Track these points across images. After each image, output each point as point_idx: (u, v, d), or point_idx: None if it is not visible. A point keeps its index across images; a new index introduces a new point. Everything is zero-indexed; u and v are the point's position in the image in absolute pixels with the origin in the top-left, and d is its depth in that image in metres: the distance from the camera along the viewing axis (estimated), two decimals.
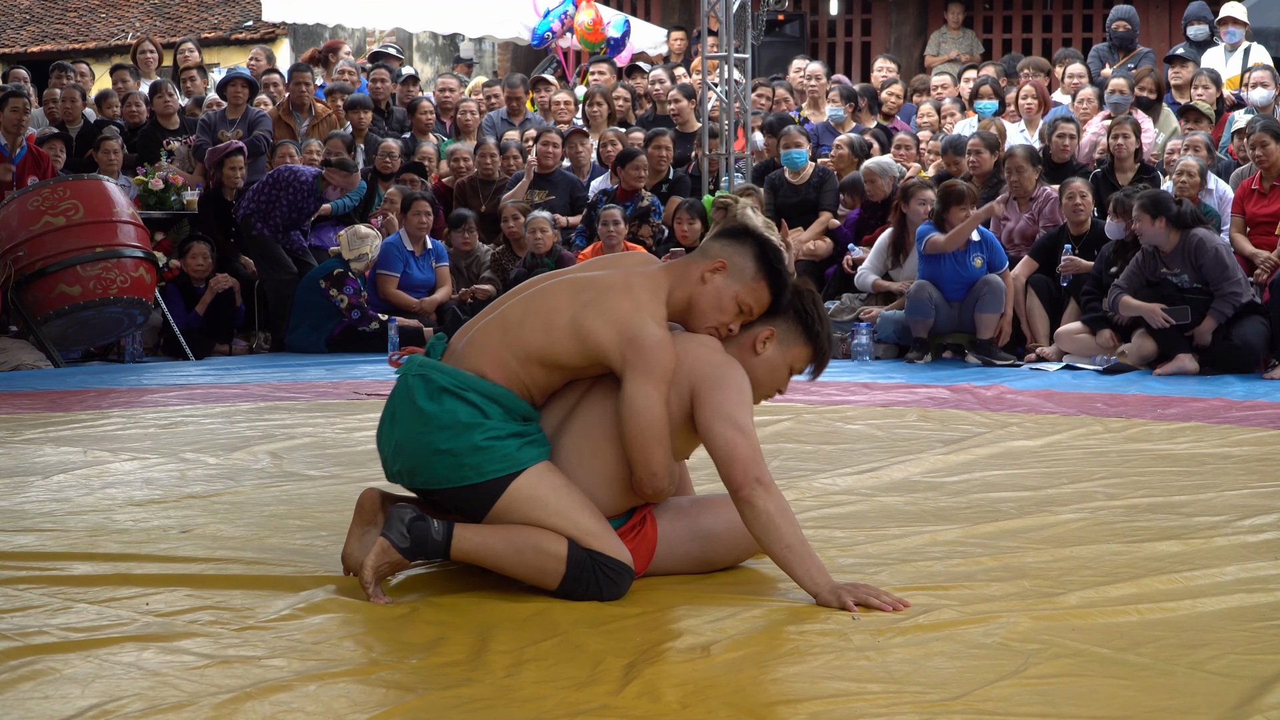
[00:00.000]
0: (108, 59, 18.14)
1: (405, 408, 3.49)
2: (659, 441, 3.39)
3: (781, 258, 3.59)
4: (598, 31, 15.18)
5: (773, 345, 3.57)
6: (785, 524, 3.36)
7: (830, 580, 3.35)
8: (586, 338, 3.42)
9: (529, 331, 3.46)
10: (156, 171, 10.85)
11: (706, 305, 3.53)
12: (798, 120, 12.26)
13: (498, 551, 3.41)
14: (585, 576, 3.39)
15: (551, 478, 3.44)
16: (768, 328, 3.56)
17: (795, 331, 3.57)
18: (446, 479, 3.43)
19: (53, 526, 4.28)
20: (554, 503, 3.41)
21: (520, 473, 3.41)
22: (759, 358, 3.56)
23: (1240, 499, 4.66)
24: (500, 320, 3.53)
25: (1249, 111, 10.55)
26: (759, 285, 3.53)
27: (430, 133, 12.39)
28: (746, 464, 3.35)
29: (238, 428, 6.39)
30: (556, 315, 3.45)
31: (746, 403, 3.43)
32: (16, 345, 9.26)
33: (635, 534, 3.57)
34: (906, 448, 5.72)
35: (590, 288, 3.48)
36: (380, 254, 10.36)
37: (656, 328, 3.41)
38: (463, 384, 3.45)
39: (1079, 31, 16.35)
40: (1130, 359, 8.70)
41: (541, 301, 3.50)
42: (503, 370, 3.46)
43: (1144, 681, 2.83)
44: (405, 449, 3.47)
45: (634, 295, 3.45)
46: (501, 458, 3.40)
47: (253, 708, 2.68)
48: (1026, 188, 9.78)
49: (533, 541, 3.39)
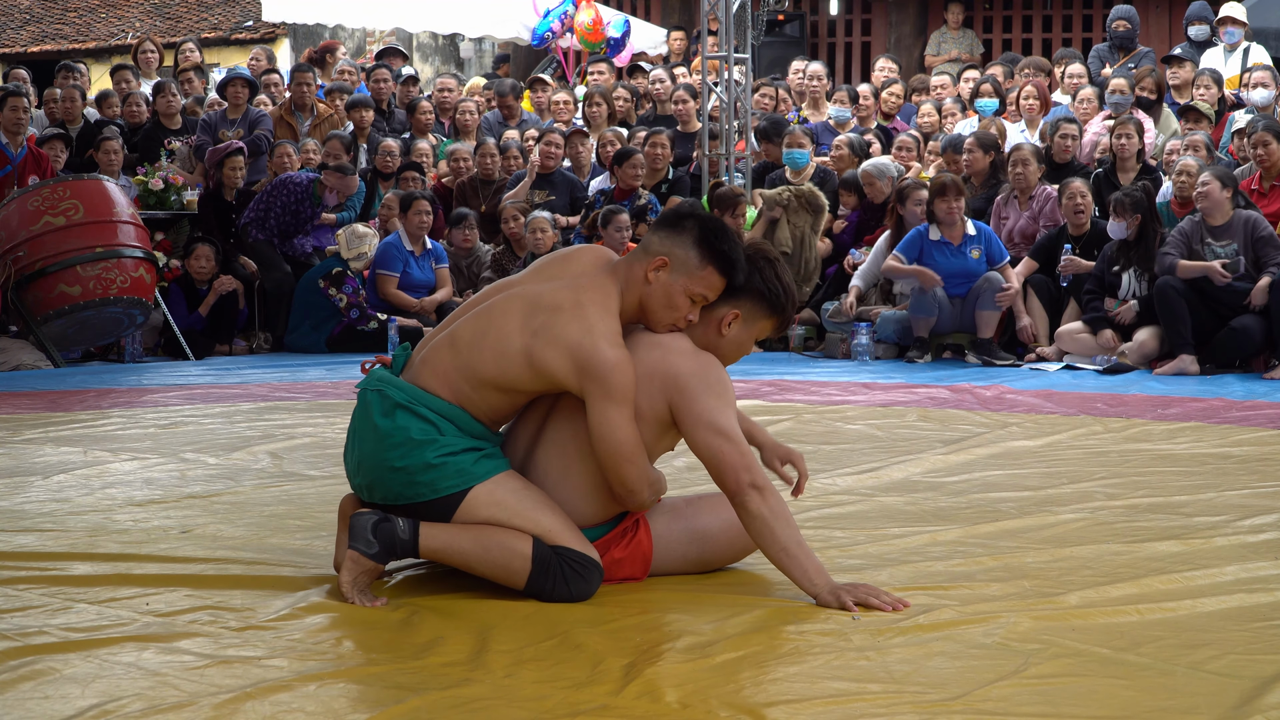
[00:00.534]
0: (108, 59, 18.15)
1: (363, 424, 3.48)
2: (630, 460, 3.37)
3: (726, 235, 3.46)
4: (598, 31, 15.18)
5: (738, 325, 3.52)
6: (781, 527, 3.34)
7: (829, 581, 3.35)
8: (541, 367, 3.37)
9: (481, 357, 3.41)
10: (156, 171, 10.85)
11: (656, 305, 3.45)
12: (797, 120, 12.26)
13: (464, 550, 3.40)
14: (551, 572, 3.38)
15: (509, 482, 3.42)
16: (732, 310, 3.49)
17: (759, 308, 3.52)
18: (402, 496, 3.42)
19: (53, 526, 4.28)
20: (514, 505, 3.40)
21: (475, 485, 3.40)
22: (725, 338, 3.52)
23: (1240, 499, 4.66)
24: (450, 339, 3.48)
25: (1249, 111, 10.55)
26: (706, 272, 3.43)
27: (430, 133, 12.39)
28: (737, 470, 3.34)
29: (238, 428, 6.39)
30: (508, 342, 3.39)
31: (727, 405, 3.40)
32: (16, 345, 9.26)
33: (627, 540, 3.55)
34: (906, 448, 5.72)
35: (541, 309, 3.39)
36: (379, 253, 10.36)
37: (610, 349, 3.33)
38: (415, 400, 3.42)
39: (1079, 31, 16.34)
40: (1131, 358, 8.70)
41: (492, 324, 3.43)
42: (454, 392, 3.43)
43: (1144, 681, 2.83)
44: (364, 465, 3.48)
45: (584, 315, 3.36)
46: (455, 474, 3.39)
47: (253, 708, 2.68)
48: (1030, 182, 9.78)
49: (498, 540, 3.38)
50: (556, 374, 3.36)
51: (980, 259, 9.27)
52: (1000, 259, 9.33)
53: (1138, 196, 8.87)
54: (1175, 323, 8.50)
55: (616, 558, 3.53)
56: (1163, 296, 8.53)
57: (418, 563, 3.70)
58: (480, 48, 18.93)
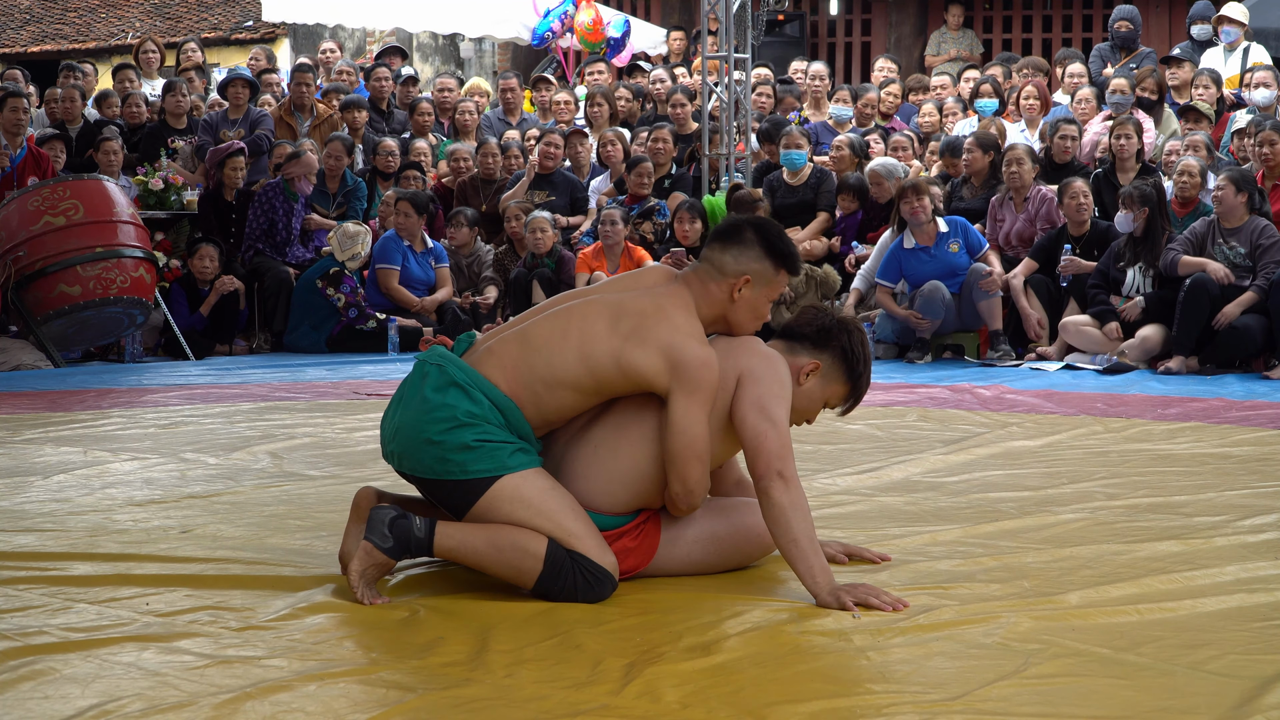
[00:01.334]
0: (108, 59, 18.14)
1: (413, 392, 3.51)
2: (699, 459, 3.44)
3: (783, 236, 3.63)
4: (598, 31, 15.18)
5: (815, 379, 3.61)
6: (797, 519, 3.37)
7: (831, 581, 3.36)
8: (632, 367, 3.44)
9: (563, 358, 3.46)
10: (157, 171, 10.85)
11: (744, 318, 3.59)
12: (797, 121, 12.26)
13: (478, 549, 3.42)
14: (563, 576, 3.39)
15: (538, 480, 3.44)
16: (813, 360, 3.61)
17: (839, 369, 3.63)
18: (430, 470, 3.44)
19: (53, 526, 4.28)
20: (538, 503, 3.41)
21: (504, 475, 3.41)
22: (800, 388, 3.60)
23: (1240, 499, 4.66)
24: (521, 337, 3.53)
25: (1250, 111, 10.55)
26: (780, 276, 3.60)
27: (430, 133, 12.40)
28: (771, 456, 3.39)
29: (238, 428, 6.39)
30: (595, 345, 3.46)
31: (784, 397, 3.47)
32: (16, 345, 9.26)
33: (638, 532, 3.57)
34: (906, 448, 5.72)
35: (626, 314, 3.49)
36: (378, 248, 10.35)
37: (699, 347, 3.45)
38: (474, 383, 3.46)
39: (1079, 31, 16.35)
40: (1132, 355, 8.70)
41: (572, 325, 3.50)
42: (515, 386, 3.47)
43: (1144, 681, 2.83)
44: (402, 432, 3.49)
45: (671, 318, 3.48)
46: (489, 458, 3.41)
47: (253, 708, 2.68)
48: (1024, 182, 9.79)
49: (512, 539, 3.40)
50: (647, 372, 3.43)
51: (960, 252, 9.28)
52: (980, 247, 9.36)
53: (1147, 191, 8.89)
54: (1192, 321, 8.50)
55: (628, 546, 3.55)
56: (1193, 294, 8.50)
57: (419, 561, 3.70)
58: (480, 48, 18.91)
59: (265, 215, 10.53)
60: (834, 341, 3.62)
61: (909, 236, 9.31)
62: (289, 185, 10.52)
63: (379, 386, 7.94)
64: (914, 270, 9.30)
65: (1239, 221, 8.64)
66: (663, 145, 11.18)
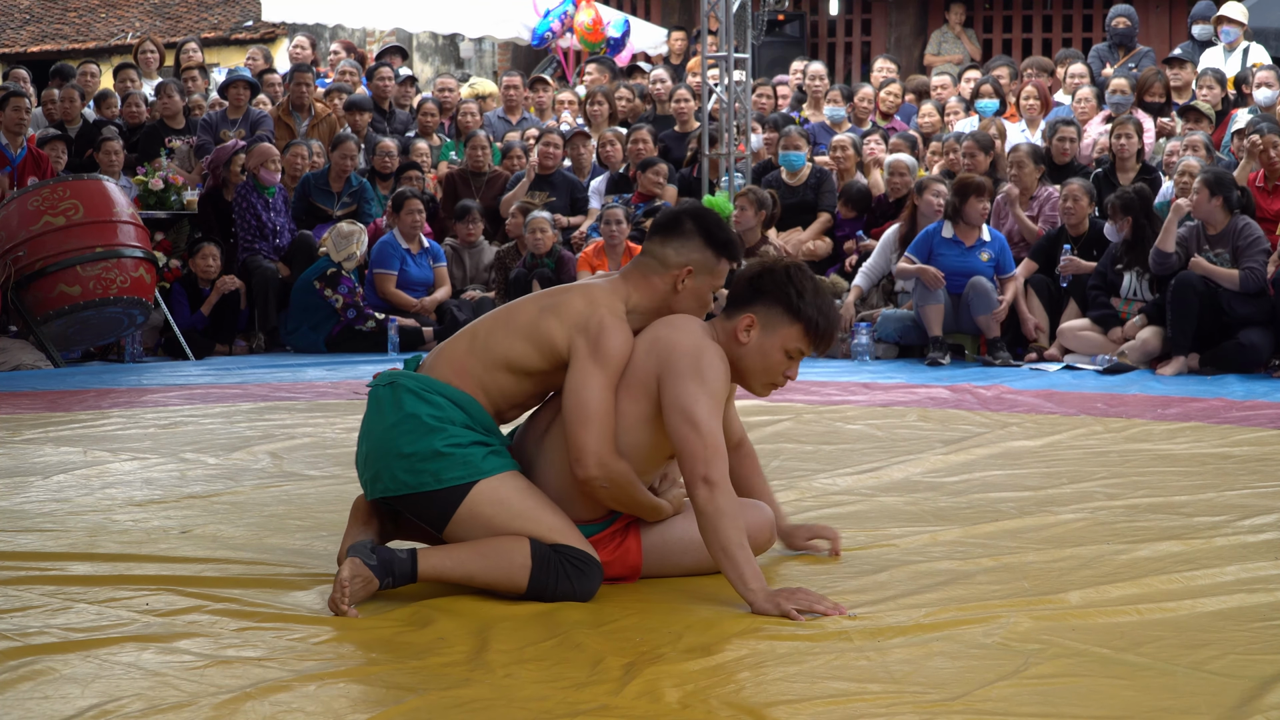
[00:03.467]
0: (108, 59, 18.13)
1: (373, 417, 3.54)
2: (588, 424, 3.38)
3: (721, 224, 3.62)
4: (598, 31, 15.17)
5: (756, 332, 3.50)
6: (724, 526, 3.31)
7: (764, 587, 3.31)
8: (542, 336, 3.47)
9: (494, 339, 3.53)
10: (156, 171, 10.85)
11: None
12: (797, 120, 12.26)
13: (463, 560, 3.41)
14: (552, 569, 3.38)
15: (514, 481, 3.46)
16: (746, 315, 3.50)
17: (776, 312, 3.49)
18: (405, 484, 3.44)
19: (53, 526, 4.28)
20: (518, 504, 3.43)
21: (480, 480, 3.42)
22: (745, 347, 3.50)
23: (1240, 499, 4.66)
24: (469, 332, 3.62)
25: (1252, 111, 10.55)
26: (721, 265, 3.60)
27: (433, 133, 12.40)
28: (695, 461, 3.33)
29: (238, 428, 6.39)
30: (518, 318, 3.53)
31: (706, 393, 3.37)
32: (16, 345, 9.26)
33: (615, 545, 3.55)
34: (906, 448, 5.72)
35: (552, 295, 3.58)
36: (376, 253, 10.36)
37: (611, 317, 3.46)
38: (427, 387, 3.48)
39: (1079, 31, 16.34)
40: (1131, 358, 8.70)
41: (509, 312, 3.59)
42: (467, 377, 3.51)
43: (1144, 681, 2.83)
44: (372, 455, 3.51)
45: (590, 294, 3.52)
46: (462, 464, 3.41)
47: (253, 708, 2.68)
48: (1027, 184, 9.78)
49: (495, 547, 3.40)
50: (554, 339, 3.46)
51: (989, 263, 9.25)
52: (1008, 270, 9.29)
53: (1129, 198, 8.87)
54: (1184, 320, 8.48)
55: (604, 560, 3.52)
56: (1179, 292, 8.49)
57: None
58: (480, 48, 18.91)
59: (249, 213, 10.52)
60: (763, 287, 3.51)
61: (948, 227, 9.27)
62: (256, 179, 10.51)
63: None
64: (940, 259, 9.25)
65: (1221, 226, 8.59)
66: (643, 146, 11.21)
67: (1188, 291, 8.46)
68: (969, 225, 9.22)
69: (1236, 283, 8.41)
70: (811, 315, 3.49)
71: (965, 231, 9.23)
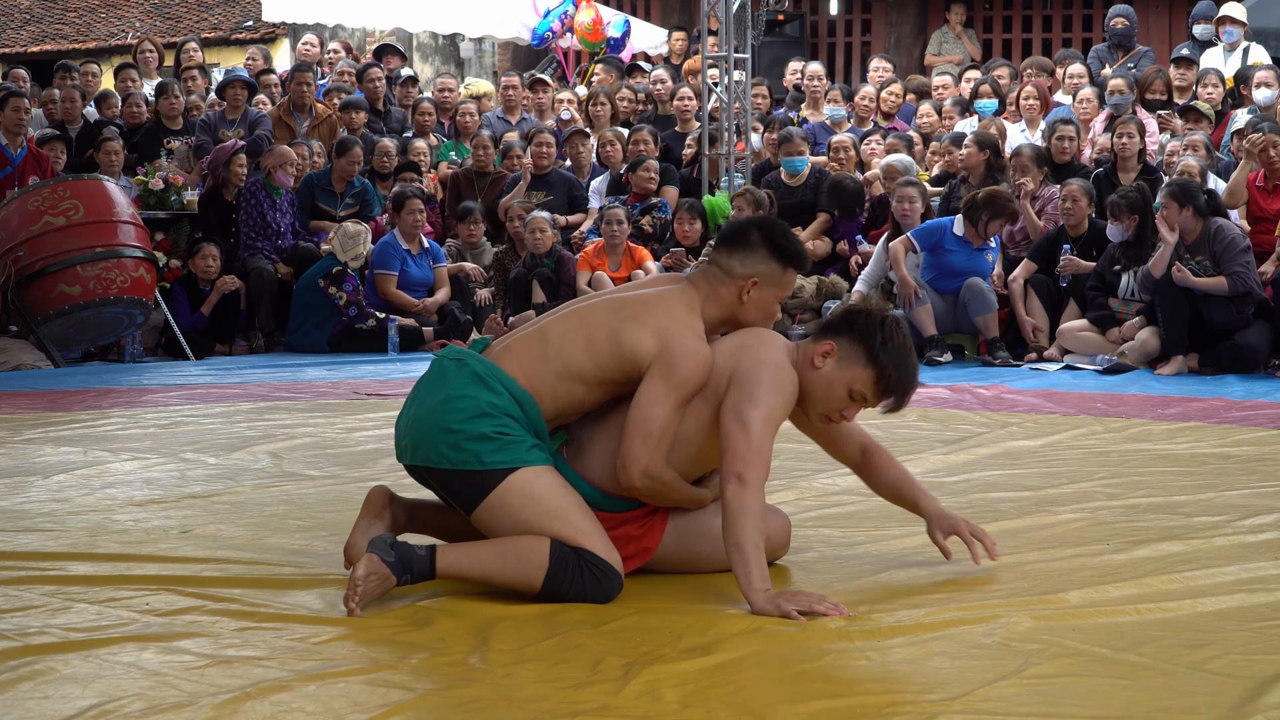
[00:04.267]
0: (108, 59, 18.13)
1: (431, 386, 3.54)
2: (645, 440, 3.42)
3: (788, 234, 3.64)
4: (598, 31, 15.17)
5: (831, 362, 3.52)
6: (744, 523, 3.34)
7: (768, 587, 3.32)
8: (625, 347, 3.46)
9: (571, 348, 3.50)
10: (156, 171, 10.85)
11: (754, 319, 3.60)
12: (796, 121, 12.26)
13: (480, 558, 3.41)
14: (570, 573, 3.38)
15: (549, 477, 3.45)
16: (828, 342, 3.53)
17: (856, 351, 3.50)
18: (446, 459, 3.44)
19: (53, 526, 4.28)
20: (548, 501, 3.42)
21: (520, 469, 3.42)
22: (817, 372, 3.53)
23: (1240, 499, 4.66)
24: (540, 334, 3.57)
25: (1251, 111, 10.54)
26: (788, 275, 3.61)
27: (431, 133, 12.40)
28: (735, 458, 3.36)
29: (238, 428, 6.39)
30: (598, 329, 3.50)
31: (764, 400, 3.41)
32: (16, 345, 9.26)
33: (644, 521, 3.60)
34: (906, 448, 5.72)
35: (630, 304, 3.54)
36: (376, 254, 10.36)
37: (692, 338, 3.47)
38: (494, 376, 3.48)
39: (1079, 31, 16.34)
40: (1131, 358, 8.70)
41: (583, 319, 3.55)
42: (536, 381, 3.50)
43: (1144, 681, 2.83)
44: (418, 422, 3.50)
45: (671, 309, 3.51)
46: (507, 450, 3.42)
47: (253, 708, 2.68)
48: (1030, 188, 9.78)
49: (515, 545, 3.41)
50: (639, 351, 3.45)
51: (994, 264, 9.31)
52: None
53: (1134, 198, 8.87)
54: (1175, 320, 8.48)
55: (632, 534, 3.57)
56: (1167, 293, 8.50)
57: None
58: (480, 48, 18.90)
59: (255, 211, 10.53)
60: (855, 323, 3.53)
61: (959, 224, 9.27)
62: (268, 179, 10.52)
63: (379, 386, 7.94)
64: (949, 255, 9.24)
65: (1196, 233, 8.56)
66: (644, 146, 11.21)
67: (1175, 292, 8.47)
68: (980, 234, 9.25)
69: (1225, 289, 8.41)
70: (887, 367, 3.50)
71: (974, 234, 9.24)
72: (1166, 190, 8.62)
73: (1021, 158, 9.79)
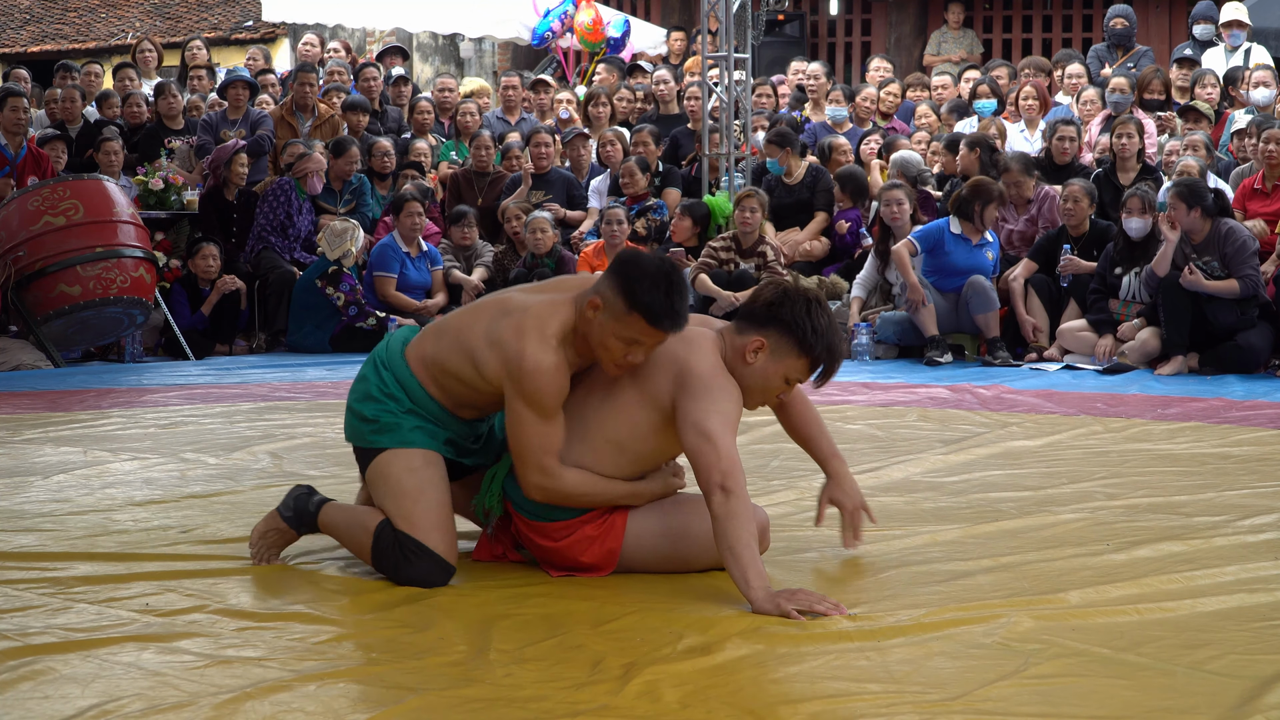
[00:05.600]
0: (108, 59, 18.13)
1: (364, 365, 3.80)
2: (524, 460, 3.51)
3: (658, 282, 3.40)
4: (598, 31, 15.17)
5: (764, 356, 3.54)
6: (734, 528, 3.36)
7: (766, 587, 3.33)
8: (478, 360, 3.53)
9: (447, 347, 3.61)
10: (156, 171, 10.84)
11: (593, 342, 3.49)
12: (798, 120, 12.26)
13: (337, 525, 3.70)
14: (385, 553, 3.56)
15: (412, 460, 3.59)
16: (757, 338, 3.53)
17: (787, 344, 3.53)
18: (352, 436, 3.71)
19: (53, 526, 4.28)
20: (394, 482, 3.59)
21: (389, 450, 3.59)
22: (751, 368, 3.54)
23: (1240, 499, 4.66)
24: (438, 325, 3.73)
25: (1249, 111, 10.55)
26: (632, 318, 3.42)
27: (429, 133, 12.39)
28: (710, 471, 3.39)
29: (238, 428, 6.39)
30: (471, 332, 3.58)
31: (720, 410, 3.44)
32: (16, 345, 9.26)
33: (602, 520, 3.61)
34: (906, 448, 5.72)
35: (504, 315, 3.52)
36: (375, 256, 10.37)
37: (535, 352, 3.42)
38: (388, 362, 3.68)
39: (1079, 31, 16.34)
40: (1131, 358, 8.70)
41: (467, 318, 3.64)
42: (420, 369, 3.64)
43: (1144, 681, 2.83)
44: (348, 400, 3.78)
45: (526, 320, 3.46)
46: (386, 431, 3.61)
47: (253, 708, 2.69)
48: (1024, 195, 9.80)
49: (359, 519, 3.64)
50: (487, 368, 3.52)
51: (994, 260, 9.32)
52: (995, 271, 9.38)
53: (1152, 196, 8.88)
54: (1177, 319, 8.47)
55: (589, 535, 3.59)
56: (1168, 293, 8.48)
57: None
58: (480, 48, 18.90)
59: (280, 210, 10.53)
60: (780, 315, 3.52)
61: (955, 223, 9.27)
62: (300, 184, 10.54)
63: None
64: (950, 255, 9.24)
65: (1204, 234, 8.55)
66: (644, 148, 11.21)
67: (1178, 292, 8.46)
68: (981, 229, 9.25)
69: (1237, 291, 8.39)
70: (820, 353, 3.56)
71: (971, 229, 9.25)
72: (1174, 190, 8.58)
73: (1012, 173, 9.74)
